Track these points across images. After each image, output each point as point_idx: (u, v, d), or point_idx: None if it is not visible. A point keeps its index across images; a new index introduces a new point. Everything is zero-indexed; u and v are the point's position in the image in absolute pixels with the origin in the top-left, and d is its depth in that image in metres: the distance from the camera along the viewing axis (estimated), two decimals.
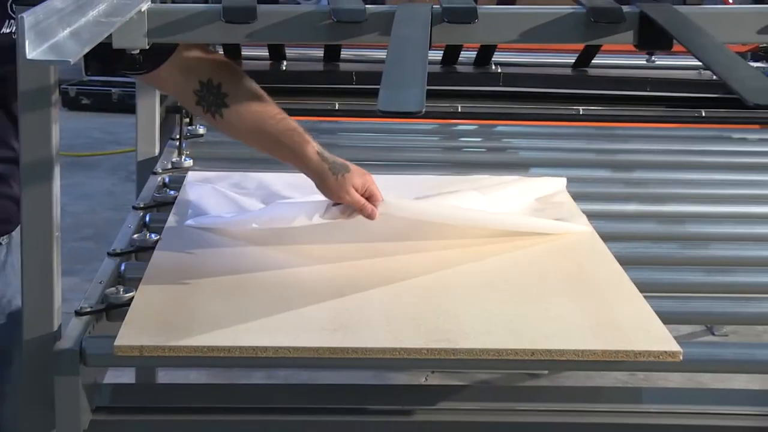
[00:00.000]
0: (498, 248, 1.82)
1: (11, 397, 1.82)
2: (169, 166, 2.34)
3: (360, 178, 1.74)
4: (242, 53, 3.13)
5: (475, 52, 3.12)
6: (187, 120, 2.56)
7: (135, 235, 1.89)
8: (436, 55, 3.11)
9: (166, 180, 2.25)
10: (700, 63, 2.72)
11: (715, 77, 3.01)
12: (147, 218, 2.02)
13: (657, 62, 3.29)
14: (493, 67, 3.13)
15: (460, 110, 2.90)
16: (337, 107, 2.89)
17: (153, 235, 1.87)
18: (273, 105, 1.75)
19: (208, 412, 1.62)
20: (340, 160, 1.75)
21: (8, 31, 1.63)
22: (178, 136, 2.44)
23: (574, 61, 3.18)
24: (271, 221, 1.79)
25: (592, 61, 3.17)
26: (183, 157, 2.37)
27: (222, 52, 3.12)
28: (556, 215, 1.97)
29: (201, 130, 2.58)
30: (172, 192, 2.12)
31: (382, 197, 1.76)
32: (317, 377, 2.86)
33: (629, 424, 1.63)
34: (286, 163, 1.79)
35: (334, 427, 1.68)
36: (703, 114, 2.95)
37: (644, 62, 3.28)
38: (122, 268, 1.77)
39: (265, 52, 3.14)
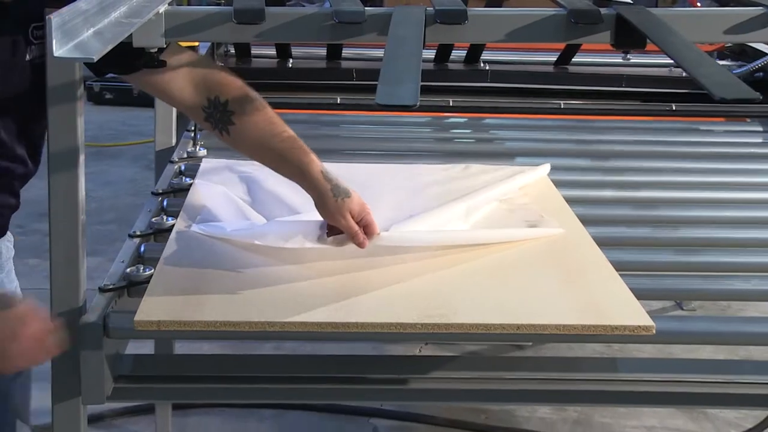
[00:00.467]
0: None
1: None
2: (185, 156, 2.33)
3: (358, 206, 1.64)
4: (251, 52, 3.12)
5: (465, 51, 3.12)
6: None
7: (153, 219, 1.89)
8: (430, 53, 3.11)
9: (182, 168, 2.24)
10: (671, 61, 2.74)
11: (684, 74, 3.02)
12: (164, 203, 2.02)
13: (632, 60, 3.28)
14: (482, 64, 3.13)
15: (451, 104, 2.89)
16: (338, 101, 2.89)
17: (170, 219, 1.86)
18: (279, 122, 1.64)
19: (221, 380, 1.63)
20: (343, 185, 1.64)
21: (29, 58, 1.53)
22: (193, 128, 2.43)
23: (555, 59, 3.17)
24: (271, 239, 1.71)
25: (573, 59, 3.16)
26: (198, 147, 2.36)
27: (233, 52, 3.14)
28: (537, 216, 1.93)
29: None
30: (187, 179, 2.12)
31: (379, 231, 1.67)
32: (321, 349, 2.86)
33: (605, 391, 1.63)
34: (290, 179, 1.69)
35: (336, 394, 1.69)
36: (674, 108, 2.94)
37: (620, 60, 3.28)
38: (142, 248, 1.77)
39: (272, 51, 3.13)
